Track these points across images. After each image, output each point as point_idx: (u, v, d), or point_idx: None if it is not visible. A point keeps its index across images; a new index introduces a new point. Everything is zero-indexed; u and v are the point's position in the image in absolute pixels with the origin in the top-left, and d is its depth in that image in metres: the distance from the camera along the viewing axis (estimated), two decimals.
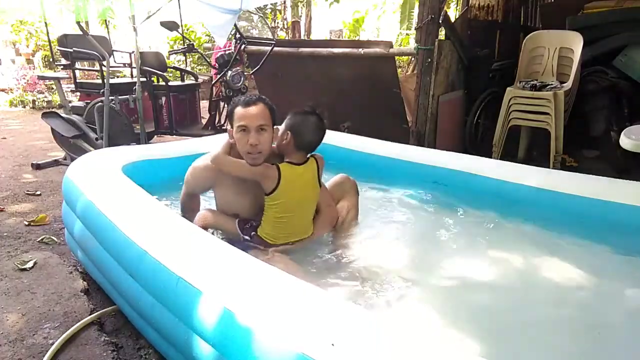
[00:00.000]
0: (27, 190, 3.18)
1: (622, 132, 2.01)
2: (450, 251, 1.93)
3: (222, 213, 1.87)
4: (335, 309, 1.06)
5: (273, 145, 1.76)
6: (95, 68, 4.59)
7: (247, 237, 1.78)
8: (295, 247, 1.80)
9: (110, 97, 3.56)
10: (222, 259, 1.31)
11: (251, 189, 1.76)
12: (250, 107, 1.67)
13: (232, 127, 1.71)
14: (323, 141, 1.80)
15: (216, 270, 1.25)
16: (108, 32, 4.58)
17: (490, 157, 3.38)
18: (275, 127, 1.73)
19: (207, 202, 2.10)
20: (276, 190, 1.71)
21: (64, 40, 3.95)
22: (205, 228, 1.76)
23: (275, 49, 4.03)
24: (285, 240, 1.79)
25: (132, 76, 4.61)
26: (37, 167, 3.74)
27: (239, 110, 1.68)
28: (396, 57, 5.02)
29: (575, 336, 1.40)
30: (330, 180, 2.03)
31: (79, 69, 4.60)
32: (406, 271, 1.72)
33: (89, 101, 3.93)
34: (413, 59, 5.99)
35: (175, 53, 6.52)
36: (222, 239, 1.80)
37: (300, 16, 10.65)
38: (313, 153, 1.84)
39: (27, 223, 2.57)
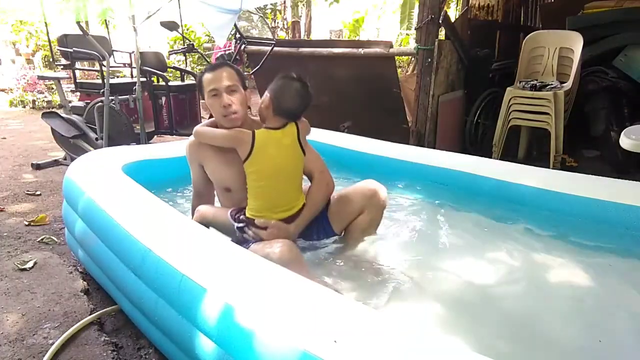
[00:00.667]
0: (27, 190, 3.18)
1: (622, 132, 2.01)
2: (450, 251, 1.93)
3: (217, 207, 1.87)
4: (337, 306, 1.06)
5: (255, 117, 1.76)
6: (95, 68, 4.59)
7: (238, 224, 1.73)
8: (293, 231, 1.71)
9: (110, 97, 3.56)
10: (225, 256, 1.32)
11: (236, 158, 1.71)
12: (216, 70, 1.70)
13: (204, 97, 1.72)
14: (323, 141, 1.79)
15: (220, 267, 1.26)
16: (108, 32, 4.58)
17: (490, 157, 3.39)
18: (247, 90, 1.74)
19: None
20: (251, 155, 1.65)
21: (64, 40, 3.95)
22: (202, 223, 1.76)
23: (275, 49, 4.03)
24: (272, 215, 1.70)
25: (132, 76, 4.61)
26: (37, 167, 3.75)
27: (206, 76, 1.70)
28: (396, 57, 5.02)
29: (574, 341, 1.39)
30: (356, 184, 1.87)
31: (79, 69, 4.60)
32: (406, 270, 1.72)
33: (89, 101, 3.93)
34: (413, 59, 5.99)
35: (175, 53, 6.51)
36: (221, 234, 1.80)
37: (300, 16, 10.66)
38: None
39: (27, 223, 2.57)
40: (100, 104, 3.63)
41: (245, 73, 4.10)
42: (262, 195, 1.71)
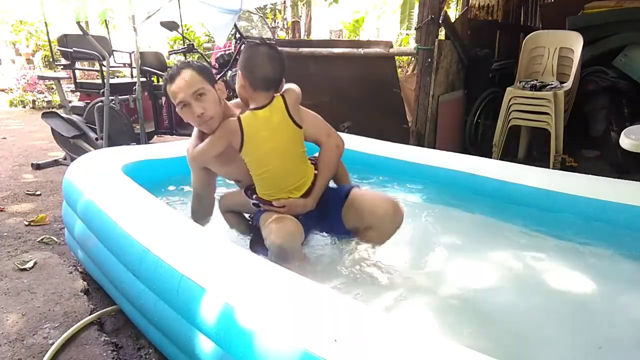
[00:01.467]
0: (27, 190, 3.18)
1: (622, 132, 2.01)
2: (449, 251, 1.92)
3: (234, 191, 1.85)
4: (337, 305, 1.06)
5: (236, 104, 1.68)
6: (95, 68, 4.59)
7: (255, 202, 1.71)
8: (311, 204, 1.66)
9: (110, 97, 3.56)
10: (224, 256, 1.31)
11: (235, 151, 1.63)
12: (176, 80, 1.57)
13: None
14: None
15: (219, 267, 1.26)
16: (108, 32, 4.58)
17: (490, 157, 3.39)
18: (218, 82, 1.64)
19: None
20: (243, 143, 1.57)
21: (64, 40, 3.95)
22: (228, 211, 1.79)
23: None
24: (285, 195, 1.64)
25: (132, 76, 4.61)
26: (37, 167, 3.75)
27: (169, 89, 1.59)
28: (396, 57, 5.02)
29: (573, 343, 1.39)
30: (375, 198, 1.69)
31: (79, 69, 4.60)
32: (406, 269, 1.72)
33: (89, 101, 3.93)
34: (413, 59, 5.99)
35: (175, 53, 6.49)
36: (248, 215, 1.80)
37: (300, 16, 10.65)
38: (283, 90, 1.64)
39: (27, 223, 2.57)
40: (100, 104, 3.63)
41: None
42: (267, 180, 1.65)
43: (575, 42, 3.53)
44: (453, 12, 7.56)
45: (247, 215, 1.91)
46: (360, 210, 1.67)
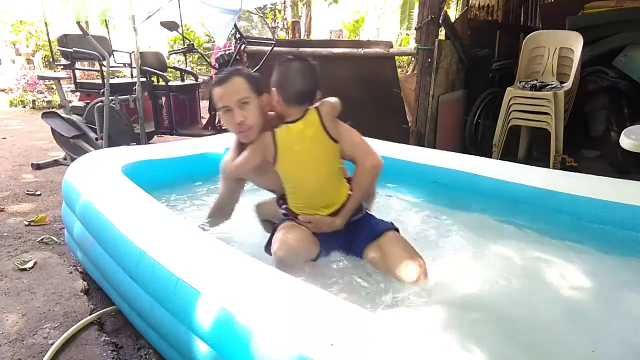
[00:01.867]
0: (27, 190, 3.18)
1: (622, 132, 2.01)
2: (449, 251, 1.92)
3: (267, 201, 1.86)
4: (334, 309, 1.06)
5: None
6: (95, 68, 4.59)
7: (284, 212, 1.70)
8: (339, 223, 1.62)
9: (110, 97, 3.56)
10: (221, 259, 1.31)
11: (268, 165, 1.63)
12: (224, 84, 1.58)
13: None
14: None
15: (215, 271, 1.25)
16: (108, 32, 4.58)
17: (490, 157, 3.38)
18: (264, 94, 1.63)
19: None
20: (277, 157, 1.58)
21: (64, 40, 3.95)
22: (262, 217, 1.82)
23: (275, 49, 4.03)
24: (314, 212, 1.62)
25: (132, 76, 4.61)
26: (37, 167, 3.75)
27: (215, 91, 1.60)
28: (396, 57, 5.02)
29: (572, 345, 1.38)
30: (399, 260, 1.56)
31: (79, 69, 4.61)
32: None
33: (89, 101, 3.93)
34: (413, 59, 5.99)
35: (175, 53, 6.52)
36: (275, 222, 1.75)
37: (300, 16, 10.65)
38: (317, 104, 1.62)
39: (27, 223, 2.57)
40: (100, 104, 3.63)
41: None
42: (298, 194, 1.65)
43: (575, 42, 3.53)
44: (453, 12, 7.56)
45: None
46: (385, 262, 1.59)
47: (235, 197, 1.87)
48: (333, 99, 1.67)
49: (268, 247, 1.67)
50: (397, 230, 1.69)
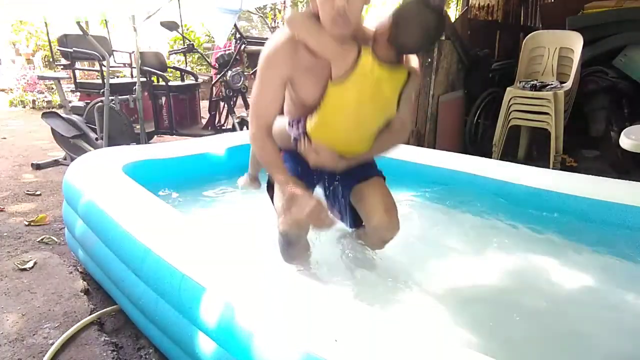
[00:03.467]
0: (27, 190, 3.18)
1: (622, 132, 2.01)
2: (449, 251, 1.93)
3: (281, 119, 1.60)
4: (338, 305, 1.06)
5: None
6: (95, 68, 4.60)
7: (295, 136, 1.53)
8: (340, 167, 1.54)
9: (110, 97, 3.56)
10: (226, 255, 1.32)
11: (326, 75, 1.40)
12: None
13: None
14: None
15: (220, 266, 1.26)
16: (108, 32, 4.58)
17: (490, 157, 3.39)
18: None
19: None
20: (343, 78, 1.35)
21: (64, 40, 3.96)
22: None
23: None
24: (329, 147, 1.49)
25: (132, 76, 4.62)
26: (37, 167, 3.75)
27: None
28: None
29: (571, 345, 1.39)
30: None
31: (79, 69, 4.61)
32: (406, 269, 1.72)
33: (89, 101, 3.93)
34: None
35: (175, 53, 6.52)
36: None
37: None
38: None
39: (27, 223, 2.57)
40: (100, 104, 3.63)
41: (246, 73, 4.11)
42: (326, 128, 1.47)
43: (575, 42, 3.53)
44: (453, 12, 7.56)
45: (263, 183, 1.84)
46: (361, 204, 1.62)
47: (273, 110, 1.47)
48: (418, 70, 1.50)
49: (270, 190, 1.66)
50: (383, 177, 1.69)
